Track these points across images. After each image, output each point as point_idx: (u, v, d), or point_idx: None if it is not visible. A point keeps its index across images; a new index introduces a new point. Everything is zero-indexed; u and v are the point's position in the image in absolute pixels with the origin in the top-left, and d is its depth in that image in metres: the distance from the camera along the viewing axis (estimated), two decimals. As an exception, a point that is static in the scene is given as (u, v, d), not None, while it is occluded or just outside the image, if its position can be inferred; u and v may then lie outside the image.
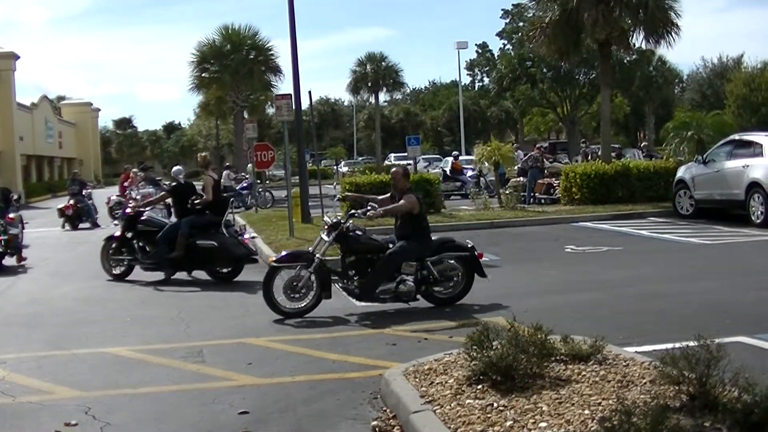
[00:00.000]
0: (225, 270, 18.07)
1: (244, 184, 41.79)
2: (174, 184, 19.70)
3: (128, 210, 19.25)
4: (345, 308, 13.72)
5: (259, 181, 36.24)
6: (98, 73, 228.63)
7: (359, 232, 13.96)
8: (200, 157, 21.25)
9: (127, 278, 18.23)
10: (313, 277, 13.37)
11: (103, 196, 39.52)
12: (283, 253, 14.42)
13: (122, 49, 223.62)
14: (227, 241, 17.81)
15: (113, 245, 18.85)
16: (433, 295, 13.86)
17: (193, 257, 17.84)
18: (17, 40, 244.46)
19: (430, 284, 13.77)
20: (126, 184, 38.70)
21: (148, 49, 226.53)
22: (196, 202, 18.42)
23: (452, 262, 13.92)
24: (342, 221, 13.81)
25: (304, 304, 13.37)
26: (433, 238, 14.16)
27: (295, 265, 13.49)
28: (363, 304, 13.79)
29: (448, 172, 43.39)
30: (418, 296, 13.65)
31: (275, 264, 13.66)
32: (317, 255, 13.53)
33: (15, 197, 28.86)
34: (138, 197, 25.05)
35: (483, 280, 14.07)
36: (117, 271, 18.63)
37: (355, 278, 13.60)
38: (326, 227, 14.02)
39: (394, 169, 14.72)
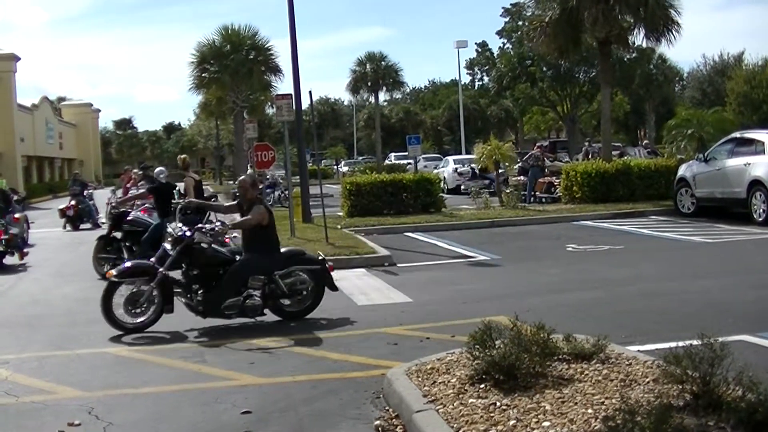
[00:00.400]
0: None
1: (267, 183, 41.86)
2: (154, 184, 19.70)
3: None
4: (183, 323, 13.04)
5: (282, 182, 36.27)
6: (97, 74, 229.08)
7: (204, 245, 13.01)
8: (180, 160, 21.27)
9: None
10: (155, 292, 12.69)
11: (104, 197, 39.50)
12: (126, 265, 13.65)
13: (121, 50, 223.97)
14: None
15: (102, 245, 19.05)
16: (281, 309, 13.24)
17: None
18: (16, 42, 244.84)
19: (278, 298, 13.15)
20: (129, 185, 38.64)
21: (147, 50, 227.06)
22: (178, 203, 18.33)
23: (302, 275, 13.25)
24: (187, 234, 13.01)
25: (143, 319, 12.69)
26: (282, 250, 13.56)
27: (135, 280, 12.84)
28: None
29: (477, 171, 43.28)
30: (266, 311, 13.05)
31: (115, 279, 12.86)
32: (161, 269, 12.77)
33: (17, 197, 29.43)
34: (119, 197, 25.13)
35: (485, 279, 14.03)
36: (105, 268, 18.51)
37: (199, 292, 12.87)
38: (170, 239, 13.37)
39: (241, 178, 14.02)
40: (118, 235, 18.94)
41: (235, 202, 14.17)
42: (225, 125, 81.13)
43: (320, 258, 13.71)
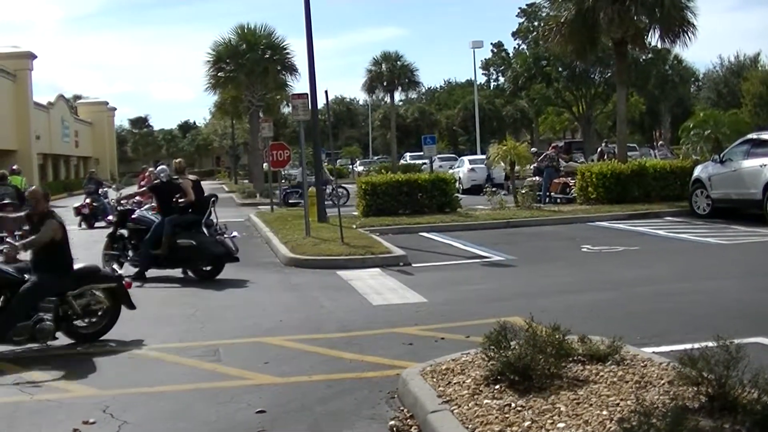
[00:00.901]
0: (207, 268, 18.15)
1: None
2: (155, 182, 19.91)
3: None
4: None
5: (333, 178, 36.34)
6: (112, 72, 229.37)
7: None
8: (175, 164, 21.17)
9: (146, 278, 18.15)
10: None
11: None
12: None
13: (136, 49, 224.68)
14: (206, 240, 17.98)
15: (109, 242, 19.32)
16: (76, 331, 12.24)
17: (174, 255, 18.05)
18: (31, 40, 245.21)
19: (72, 320, 12.15)
20: (144, 183, 38.90)
21: (162, 49, 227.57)
22: (180, 201, 18.62)
23: (97, 294, 12.38)
24: None
25: None
26: (75, 267, 12.59)
27: None
28: None
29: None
30: (59, 334, 11.94)
31: None
32: None
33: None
34: (122, 193, 25.48)
35: (500, 279, 14.00)
36: (108, 267, 18.72)
37: None
38: None
39: (32, 188, 13.39)
40: (125, 232, 19.14)
41: (23, 213, 13.28)
42: (240, 124, 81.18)
43: (116, 275, 13.24)
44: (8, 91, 69.04)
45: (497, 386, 7.81)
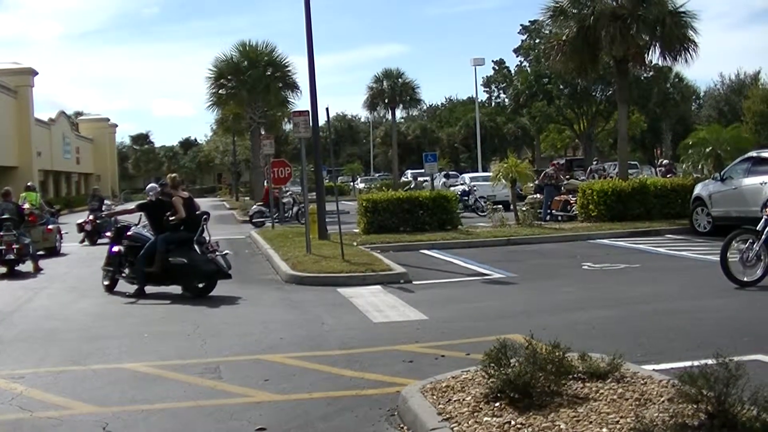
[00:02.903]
0: (200, 285, 18.16)
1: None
2: (144, 201, 20.19)
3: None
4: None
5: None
6: (112, 89, 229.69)
7: None
8: (169, 179, 20.96)
9: (147, 294, 18.24)
10: None
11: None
12: None
13: (136, 65, 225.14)
14: (197, 257, 17.97)
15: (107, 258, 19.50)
16: None
17: (167, 273, 18.16)
18: (30, 56, 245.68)
19: None
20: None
21: (163, 65, 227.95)
22: (171, 219, 18.59)
23: None
24: None
25: None
26: None
27: None
28: None
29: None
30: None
31: None
32: None
33: (52, 210, 32.29)
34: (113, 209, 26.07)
35: (501, 296, 14.00)
36: (105, 282, 19.29)
37: None
38: None
39: None
40: (122, 249, 19.13)
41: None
42: (242, 141, 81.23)
43: None
44: (9, 107, 69.20)
45: (497, 404, 7.81)
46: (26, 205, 28.38)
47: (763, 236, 15.92)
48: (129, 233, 19.28)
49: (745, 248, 16.07)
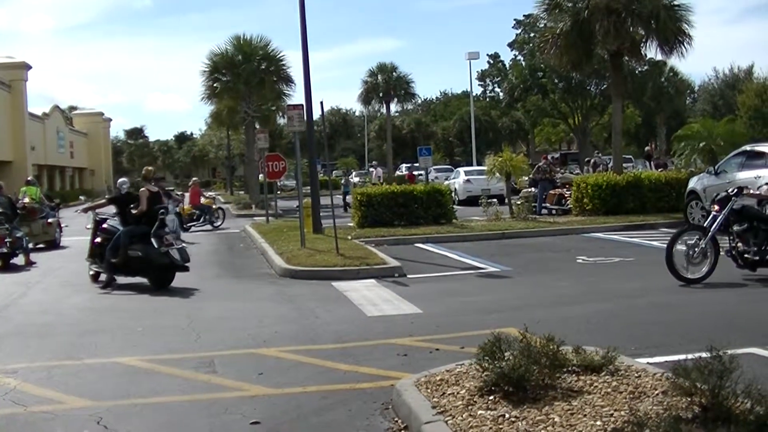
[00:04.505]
0: (161, 277, 18.54)
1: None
2: (114, 195, 21.08)
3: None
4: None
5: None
6: (106, 83, 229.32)
7: None
8: (145, 170, 21.95)
9: (141, 289, 18.37)
10: None
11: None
12: None
13: (130, 60, 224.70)
14: (152, 251, 18.39)
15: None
16: None
17: (127, 264, 18.75)
18: (21, 50, 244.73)
19: None
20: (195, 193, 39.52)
21: (157, 60, 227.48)
22: (133, 212, 19.26)
23: None
24: None
25: None
26: None
27: None
28: None
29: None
30: None
31: None
32: None
33: (52, 204, 32.25)
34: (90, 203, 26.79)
35: (495, 290, 14.00)
36: (91, 272, 20.05)
37: None
38: None
39: None
40: (98, 240, 19.80)
41: None
42: (236, 135, 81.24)
43: None
44: (3, 101, 69.11)
45: (491, 397, 7.80)
46: (26, 199, 29.30)
47: (710, 233, 15.94)
48: (104, 226, 19.91)
49: (691, 245, 16.03)
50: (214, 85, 54.04)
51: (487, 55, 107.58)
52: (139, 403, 9.23)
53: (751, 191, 17.57)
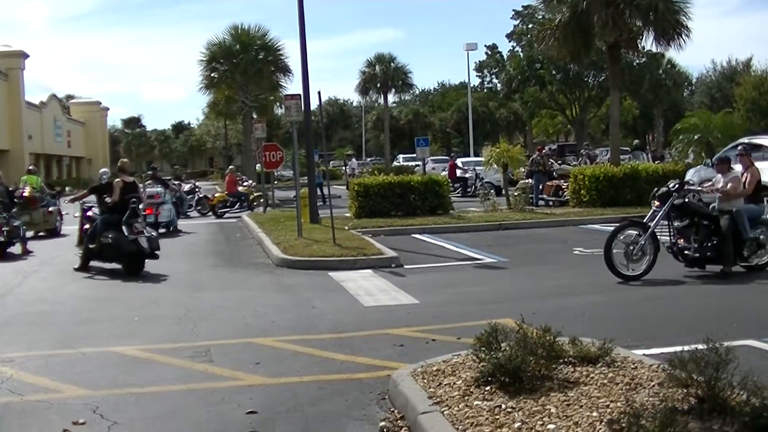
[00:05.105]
0: (130, 263, 19.17)
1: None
2: (95, 184, 21.83)
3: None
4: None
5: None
6: (103, 72, 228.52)
7: None
8: (120, 162, 22.77)
9: (139, 276, 18.64)
10: None
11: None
12: None
13: (126, 49, 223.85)
14: (121, 238, 19.02)
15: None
16: None
17: (101, 251, 19.45)
18: (17, 38, 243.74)
19: None
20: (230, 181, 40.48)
21: (155, 49, 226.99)
22: (107, 201, 19.90)
23: None
24: None
25: None
26: None
27: None
28: None
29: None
30: None
31: None
32: None
33: (53, 192, 33.02)
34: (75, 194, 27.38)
35: (492, 281, 14.00)
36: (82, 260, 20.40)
37: None
38: None
39: None
40: (87, 226, 20.68)
41: None
42: (234, 125, 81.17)
43: None
44: (0, 90, 68.95)
45: (488, 387, 7.81)
46: (27, 188, 29.54)
47: (650, 230, 15.89)
48: (88, 214, 21.03)
49: (630, 242, 15.96)
50: (212, 74, 54.00)
51: (485, 46, 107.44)
52: (135, 392, 9.23)
53: (704, 186, 17.49)
